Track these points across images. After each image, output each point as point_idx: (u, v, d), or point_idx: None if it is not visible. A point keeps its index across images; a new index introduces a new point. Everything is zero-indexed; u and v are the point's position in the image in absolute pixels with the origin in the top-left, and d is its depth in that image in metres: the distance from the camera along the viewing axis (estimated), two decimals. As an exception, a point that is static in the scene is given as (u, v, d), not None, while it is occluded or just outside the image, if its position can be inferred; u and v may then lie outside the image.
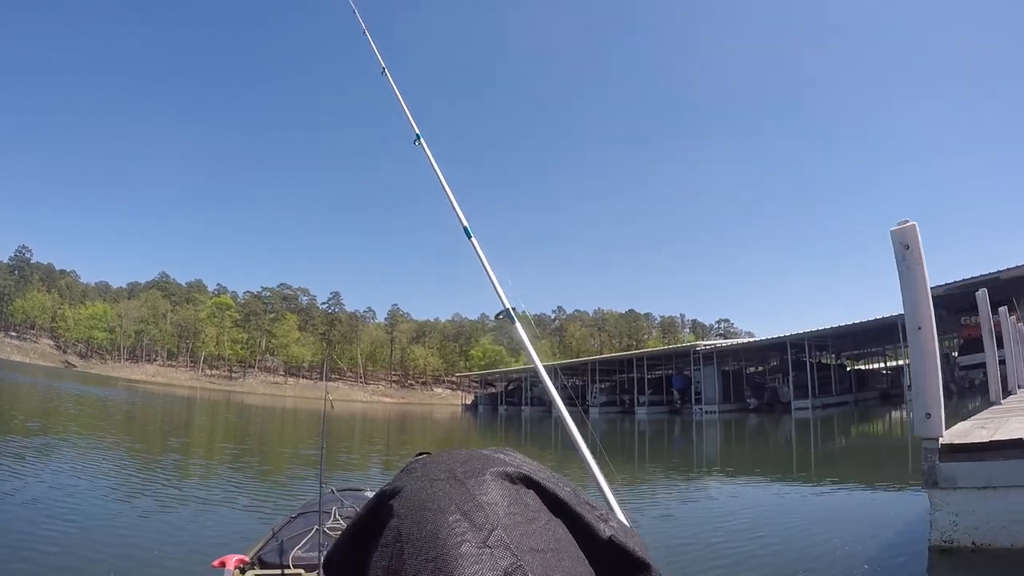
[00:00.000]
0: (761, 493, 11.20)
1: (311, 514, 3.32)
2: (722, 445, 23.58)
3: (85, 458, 12.42)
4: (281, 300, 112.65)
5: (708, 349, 43.87)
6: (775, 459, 17.42)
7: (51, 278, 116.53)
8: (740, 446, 22.78)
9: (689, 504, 10.41)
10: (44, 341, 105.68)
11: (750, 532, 7.40)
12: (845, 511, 8.68)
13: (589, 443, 2.05)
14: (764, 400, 39.37)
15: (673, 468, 15.99)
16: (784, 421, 31.25)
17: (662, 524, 8.22)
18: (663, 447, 24.61)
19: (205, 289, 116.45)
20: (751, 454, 19.61)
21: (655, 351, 54.11)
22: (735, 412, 39.11)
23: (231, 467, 13.59)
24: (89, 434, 18.00)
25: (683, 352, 47.15)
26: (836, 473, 12.64)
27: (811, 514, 8.72)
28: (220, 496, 9.68)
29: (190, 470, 12.88)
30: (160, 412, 33.61)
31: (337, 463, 13.90)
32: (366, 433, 29.03)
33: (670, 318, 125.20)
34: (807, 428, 26.82)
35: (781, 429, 28.06)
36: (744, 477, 13.61)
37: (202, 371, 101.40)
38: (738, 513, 8.88)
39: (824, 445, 21.25)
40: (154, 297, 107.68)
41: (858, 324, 34.61)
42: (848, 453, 18.34)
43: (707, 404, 41.09)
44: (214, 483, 11.13)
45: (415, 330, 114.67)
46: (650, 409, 46.17)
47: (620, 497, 1.95)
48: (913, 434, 5.19)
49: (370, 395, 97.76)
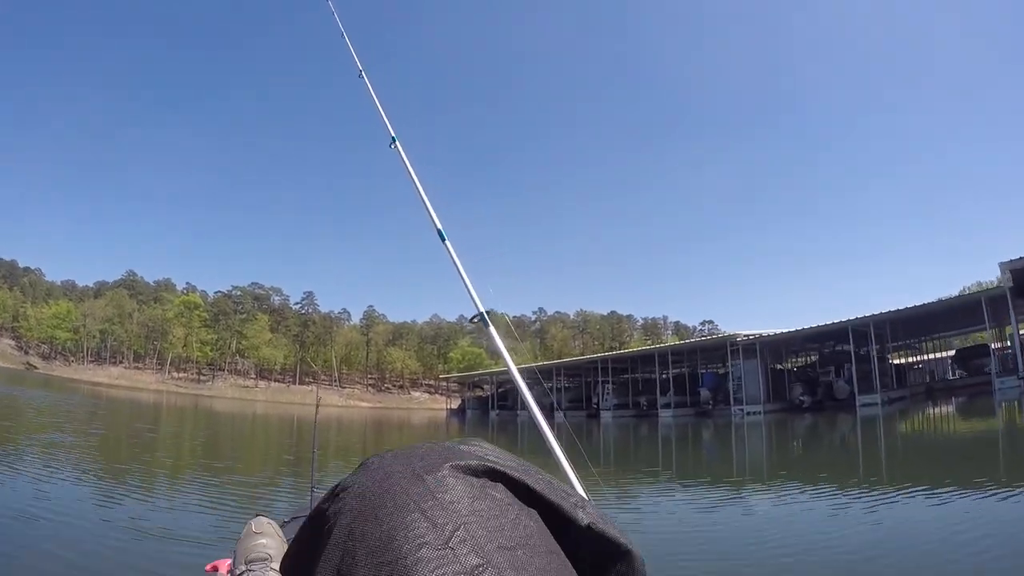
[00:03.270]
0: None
1: (302, 518, 2.13)
2: (798, 451, 19.76)
3: (66, 468, 12.24)
4: (252, 300, 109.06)
5: (750, 340, 37.66)
6: (907, 468, 13.35)
7: (13, 275, 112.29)
8: (830, 452, 18.46)
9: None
10: (5, 341, 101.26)
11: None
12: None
13: (563, 446, 2.02)
14: (817, 397, 34.87)
15: (756, 489, 12.29)
16: (842, 420, 27.57)
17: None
18: (721, 457, 20.32)
19: (174, 288, 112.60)
20: (848, 461, 16.01)
21: (682, 345, 47.59)
22: (781, 412, 34.53)
23: (215, 477, 13.52)
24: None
25: (716, 345, 41.05)
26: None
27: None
28: (211, 502, 9.79)
29: (176, 479, 12.90)
30: (124, 420, 30.99)
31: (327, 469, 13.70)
32: (342, 445, 26.64)
33: (653, 320, 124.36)
34: (890, 426, 23.31)
35: (859, 429, 24.08)
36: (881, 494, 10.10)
37: (169, 374, 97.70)
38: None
39: (947, 445, 17.54)
40: (119, 296, 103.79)
41: (932, 304, 30.93)
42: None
43: (749, 404, 35.71)
44: (203, 491, 11.13)
45: (391, 332, 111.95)
46: (676, 412, 40.98)
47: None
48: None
49: (345, 399, 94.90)
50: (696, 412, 40.69)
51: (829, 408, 32.75)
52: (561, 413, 47.74)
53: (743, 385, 37.20)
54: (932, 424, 25.07)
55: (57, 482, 10.69)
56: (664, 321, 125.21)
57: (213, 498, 10.17)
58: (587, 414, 49.30)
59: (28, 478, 10.55)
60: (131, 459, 15.70)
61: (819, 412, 32.59)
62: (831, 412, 31.51)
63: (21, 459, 12.89)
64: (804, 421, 30.04)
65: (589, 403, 51.65)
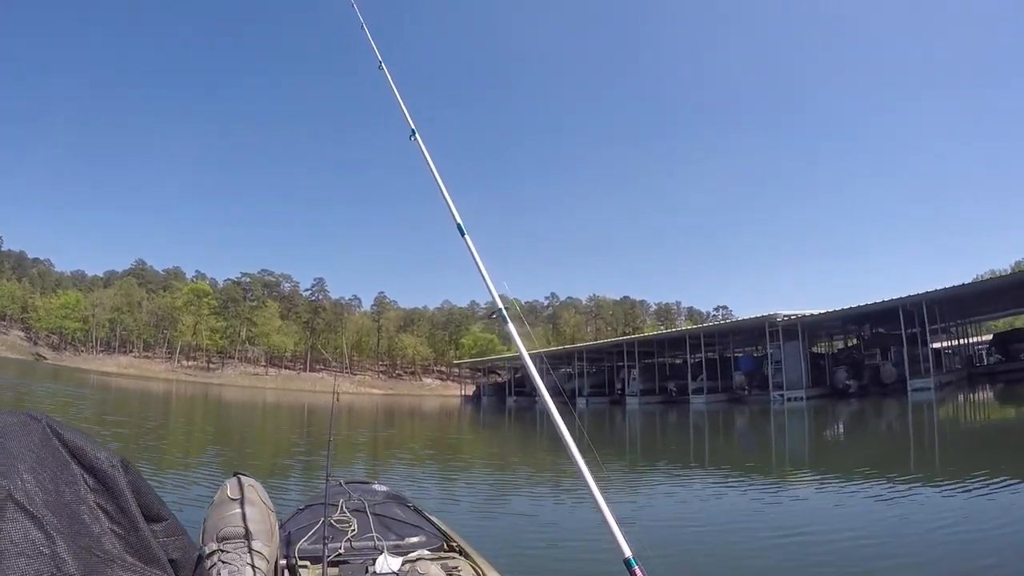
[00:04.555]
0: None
1: (318, 506, 3.04)
2: (861, 441, 17.18)
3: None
4: (262, 287, 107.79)
5: (790, 321, 34.75)
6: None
7: (22, 266, 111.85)
8: (902, 443, 15.77)
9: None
10: (14, 332, 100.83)
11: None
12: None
13: (576, 435, 1.96)
14: (863, 381, 32.49)
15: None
16: (894, 406, 25.31)
17: None
18: (769, 448, 17.94)
19: (183, 276, 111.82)
20: (926, 453, 13.64)
21: (717, 326, 43.84)
22: (822, 398, 32.22)
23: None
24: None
25: (754, 326, 37.77)
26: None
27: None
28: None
29: (194, 466, 12.24)
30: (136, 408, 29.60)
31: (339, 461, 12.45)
32: (352, 432, 24.96)
33: (666, 305, 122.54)
34: (951, 412, 21.32)
35: (929, 416, 21.53)
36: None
37: (178, 362, 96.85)
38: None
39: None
40: (128, 284, 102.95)
41: (988, 281, 28.92)
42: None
43: (790, 389, 33.03)
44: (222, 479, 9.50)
45: (403, 318, 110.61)
46: (709, 397, 38.26)
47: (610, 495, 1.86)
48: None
49: (356, 386, 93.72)
50: (729, 398, 38.29)
51: (874, 394, 30.54)
52: (583, 399, 46.29)
53: (783, 369, 34.51)
54: (999, 410, 22.88)
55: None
56: (678, 306, 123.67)
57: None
58: (610, 400, 47.37)
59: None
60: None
61: (864, 398, 30.41)
62: (877, 398, 29.34)
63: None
64: (850, 407, 27.85)
65: (612, 388, 49.55)
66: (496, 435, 26.93)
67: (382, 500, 3.15)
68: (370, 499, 3.11)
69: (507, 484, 11.39)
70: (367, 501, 3.05)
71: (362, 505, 3.01)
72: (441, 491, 10.01)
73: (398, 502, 3.21)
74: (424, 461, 15.25)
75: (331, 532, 2.76)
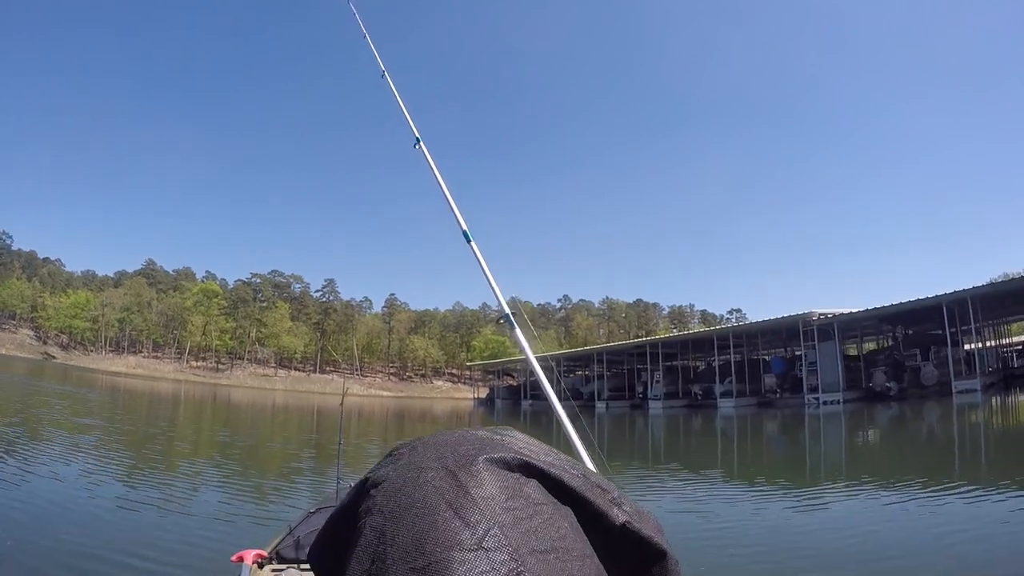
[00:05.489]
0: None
1: (328, 509, 3.10)
2: (921, 450, 15.28)
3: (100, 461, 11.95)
4: (272, 288, 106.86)
5: (826, 319, 32.95)
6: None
7: (33, 266, 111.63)
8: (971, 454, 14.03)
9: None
10: (24, 332, 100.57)
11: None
12: None
13: (582, 437, 1.93)
14: (903, 383, 30.81)
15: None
16: (938, 409, 23.53)
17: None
18: (822, 460, 15.83)
19: (193, 277, 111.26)
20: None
21: (747, 327, 40.74)
22: (858, 401, 30.44)
23: (245, 468, 13.22)
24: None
25: (786, 326, 35.52)
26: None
27: None
28: (239, 494, 9.61)
29: (205, 471, 12.49)
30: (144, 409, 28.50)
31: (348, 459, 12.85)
32: (363, 435, 23.69)
33: (679, 308, 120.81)
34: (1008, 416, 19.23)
35: (985, 418, 19.62)
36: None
37: (187, 363, 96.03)
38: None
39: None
40: (138, 284, 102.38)
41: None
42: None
43: (826, 392, 31.36)
44: (231, 483, 10.90)
45: (414, 320, 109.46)
46: (738, 401, 36.33)
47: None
48: None
49: (367, 388, 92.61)
50: (759, 402, 36.51)
51: (913, 396, 28.77)
52: (603, 403, 44.73)
53: (820, 371, 32.63)
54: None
55: (82, 475, 10.17)
56: (691, 309, 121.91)
57: (237, 491, 10.03)
58: (631, 404, 45.67)
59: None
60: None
61: (903, 401, 28.68)
62: (917, 401, 27.58)
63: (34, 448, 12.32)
64: (891, 410, 26.20)
65: (633, 392, 47.73)
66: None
67: None
68: None
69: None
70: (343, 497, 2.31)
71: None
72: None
73: None
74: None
75: None
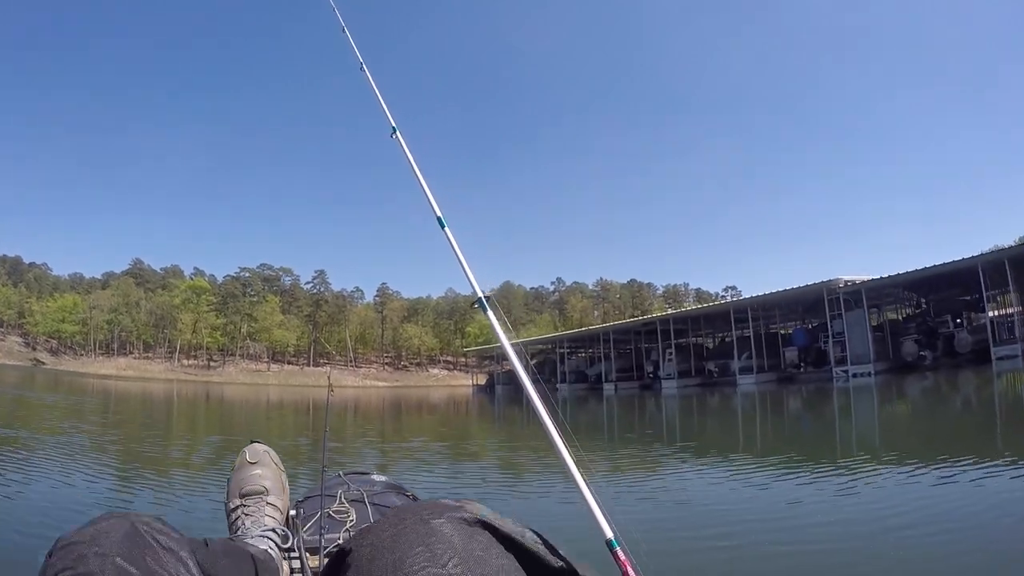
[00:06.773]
0: None
1: (316, 498, 2.85)
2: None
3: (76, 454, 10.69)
4: (262, 281, 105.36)
5: (853, 287, 30.65)
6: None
7: (18, 271, 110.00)
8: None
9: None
10: (12, 338, 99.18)
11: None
12: None
13: (557, 421, 1.93)
14: (937, 352, 29.08)
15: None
16: (980, 378, 21.47)
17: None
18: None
19: (181, 274, 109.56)
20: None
21: (764, 298, 36.66)
22: (888, 372, 28.35)
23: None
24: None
25: (807, 295, 33.12)
26: None
27: None
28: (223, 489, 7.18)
29: (199, 461, 11.37)
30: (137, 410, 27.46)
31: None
32: (357, 429, 22.62)
33: (673, 287, 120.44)
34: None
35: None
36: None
37: (178, 362, 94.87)
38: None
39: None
40: (126, 284, 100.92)
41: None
42: None
43: (856, 364, 29.10)
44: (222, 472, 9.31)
45: (406, 308, 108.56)
46: (758, 377, 34.17)
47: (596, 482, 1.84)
48: None
49: (361, 379, 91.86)
50: (779, 377, 34.52)
51: (946, 366, 27.09)
52: (611, 385, 43.33)
53: (848, 341, 30.52)
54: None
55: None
56: (685, 288, 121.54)
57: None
58: (640, 385, 43.94)
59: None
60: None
61: (936, 370, 26.95)
62: (950, 370, 25.74)
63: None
64: (925, 381, 24.29)
65: (642, 372, 46.13)
66: (512, 429, 24.40)
67: (381, 490, 2.75)
68: (369, 489, 2.70)
69: (510, 474, 9.60)
70: (365, 491, 2.66)
71: (360, 495, 2.64)
72: (441, 481, 8.78)
73: (397, 492, 2.80)
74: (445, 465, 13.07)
75: (329, 523, 2.55)
